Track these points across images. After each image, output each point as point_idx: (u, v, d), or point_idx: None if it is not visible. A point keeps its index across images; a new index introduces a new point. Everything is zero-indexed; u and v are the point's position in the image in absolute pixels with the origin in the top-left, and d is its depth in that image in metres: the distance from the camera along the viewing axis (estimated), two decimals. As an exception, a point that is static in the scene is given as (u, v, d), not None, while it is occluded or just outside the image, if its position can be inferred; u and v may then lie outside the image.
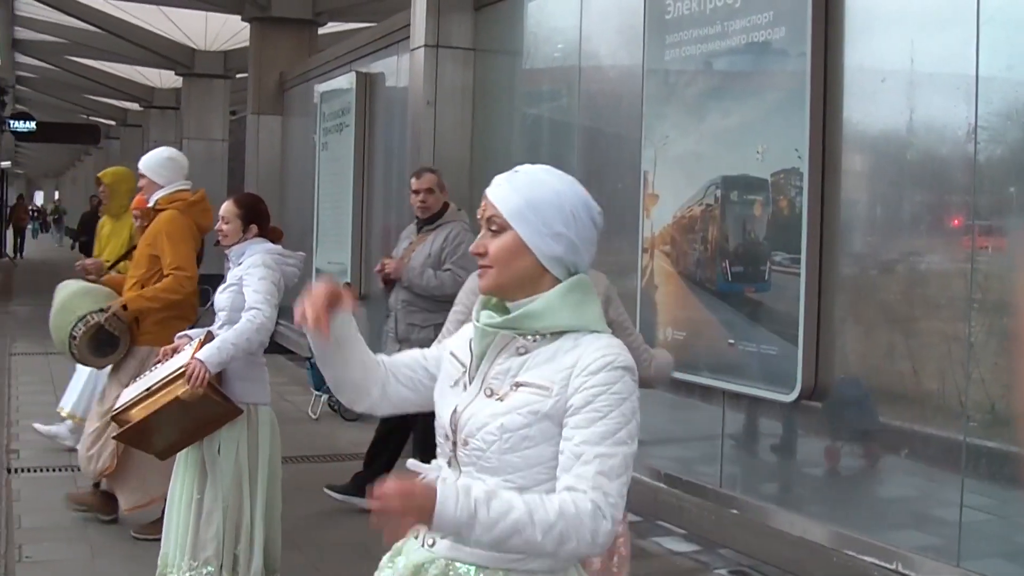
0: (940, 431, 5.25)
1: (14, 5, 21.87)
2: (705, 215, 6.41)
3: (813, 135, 5.71)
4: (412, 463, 2.63)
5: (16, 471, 8.45)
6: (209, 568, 5.40)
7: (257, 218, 5.72)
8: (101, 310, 6.59)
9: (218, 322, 5.65)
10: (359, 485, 7.17)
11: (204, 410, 5.40)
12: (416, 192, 7.28)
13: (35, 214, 59.06)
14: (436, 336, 7.24)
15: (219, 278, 5.93)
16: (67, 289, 6.95)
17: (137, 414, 5.48)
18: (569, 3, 8.18)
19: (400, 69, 11.23)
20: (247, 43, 17.53)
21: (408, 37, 10.01)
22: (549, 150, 8.51)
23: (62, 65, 28.49)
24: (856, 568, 5.46)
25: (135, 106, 32.87)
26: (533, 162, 2.55)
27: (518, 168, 2.55)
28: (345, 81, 12.50)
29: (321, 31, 17.21)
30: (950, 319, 5.22)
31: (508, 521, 2.29)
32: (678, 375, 6.68)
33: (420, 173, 7.41)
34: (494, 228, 2.51)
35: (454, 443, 2.53)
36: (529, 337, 2.50)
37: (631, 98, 7.20)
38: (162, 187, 6.74)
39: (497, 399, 2.48)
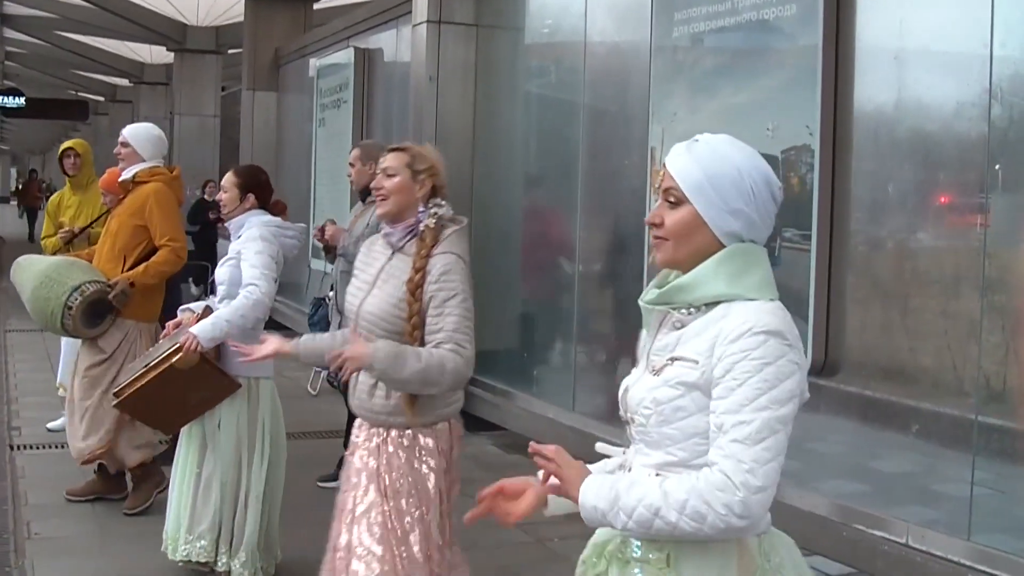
0: (948, 408, 5.26)
1: (3, -21, 21.76)
2: (714, 192, 6.39)
3: (824, 112, 5.68)
4: (601, 446, 2.70)
5: (19, 447, 8.45)
6: (203, 542, 5.44)
7: (256, 188, 5.74)
8: (98, 282, 6.59)
9: (218, 296, 5.66)
10: None
11: (203, 383, 5.42)
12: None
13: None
14: None
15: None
16: (45, 261, 6.96)
17: (137, 382, 5.52)
18: (573, -21, 8.14)
19: (400, 45, 11.19)
20: (240, 18, 17.46)
21: (408, 13, 9.96)
22: (554, 126, 8.47)
23: (52, 40, 28.33)
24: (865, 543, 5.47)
25: (125, 82, 32.76)
26: (537, 139, 2.53)
27: (698, 137, 2.51)
28: (343, 56, 12.45)
29: (316, 6, 17.16)
30: (959, 296, 5.22)
31: (645, 504, 2.30)
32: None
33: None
34: (672, 200, 2.47)
35: (626, 422, 2.54)
36: (683, 311, 2.46)
37: (638, 75, 7.18)
38: (143, 161, 6.84)
39: (653, 374, 2.47)
